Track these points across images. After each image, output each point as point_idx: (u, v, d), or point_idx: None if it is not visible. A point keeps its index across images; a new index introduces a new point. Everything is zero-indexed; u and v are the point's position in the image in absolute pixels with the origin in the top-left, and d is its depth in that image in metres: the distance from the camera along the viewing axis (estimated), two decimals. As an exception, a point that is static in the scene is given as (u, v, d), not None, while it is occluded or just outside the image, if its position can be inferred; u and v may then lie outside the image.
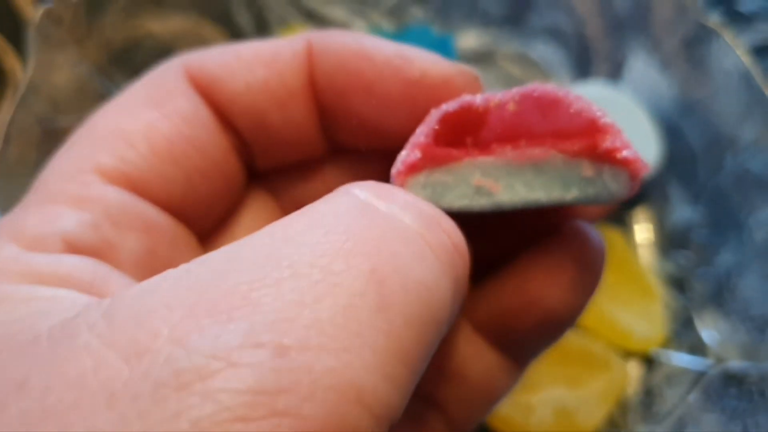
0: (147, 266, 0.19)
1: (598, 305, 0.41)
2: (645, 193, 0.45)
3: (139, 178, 0.19)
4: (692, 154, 0.44)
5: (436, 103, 0.19)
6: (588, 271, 0.21)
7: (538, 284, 0.21)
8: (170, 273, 0.14)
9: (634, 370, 0.41)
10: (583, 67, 0.47)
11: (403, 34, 0.46)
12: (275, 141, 0.22)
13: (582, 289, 0.21)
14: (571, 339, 0.40)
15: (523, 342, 0.22)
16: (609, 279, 0.43)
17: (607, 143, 0.18)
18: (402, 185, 0.19)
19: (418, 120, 0.19)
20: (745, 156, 0.42)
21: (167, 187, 0.20)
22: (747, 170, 0.41)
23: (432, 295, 0.15)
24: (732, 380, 0.38)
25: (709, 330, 0.41)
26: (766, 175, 0.41)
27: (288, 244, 0.14)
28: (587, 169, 0.18)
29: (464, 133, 0.19)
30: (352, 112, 0.21)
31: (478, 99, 0.19)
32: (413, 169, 0.19)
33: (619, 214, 0.44)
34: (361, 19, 0.48)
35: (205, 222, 0.22)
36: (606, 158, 0.18)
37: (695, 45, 0.44)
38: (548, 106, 0.19)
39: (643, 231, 0.44)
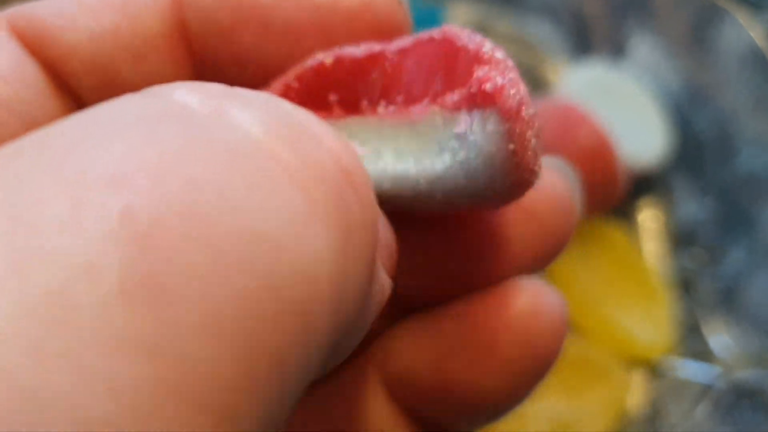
0: None
1: (597, 307, 0.38)
2: (649, 186, 0.41)
3: None
4: (700, 144, 0.40)
5: (353, 33, 0.15)
6: (534, 353, 0.15)
7: (459, 365, 0.15)
8: None
9: (636, 379, 0.37)
10: (581, 47, 0.44)
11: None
12: None
13: (523, 376, 0.15)
14: (568, 345, 0.37)
15: (446, 425, 0.17)
16: (610, 278, 0.39)
17: (476, 76, 0.13)
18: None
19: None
20: (757, 148, 0.38)
21: None
22: (759, 164, 0.38)
23: (290, 263, 0.09)
24: (744, 392, 0.35)
25: (718, 336, 0.38)
26: (781, 168, 0.38)
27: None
28: (461, 123, 0.13)
29: (330, 88, 0.15)
30: (243, 55, 0.16)
31: (358, 50, 0.15)
32: None
33: (622, 208, 0.40)
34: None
35: None
36: (477, 100, 0.13)
37: (704, 25, 0.40)
38: (447, 52, 0.14)
39: (648, 226, 0.41)
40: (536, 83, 0.43)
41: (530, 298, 0.16)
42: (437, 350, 0.16)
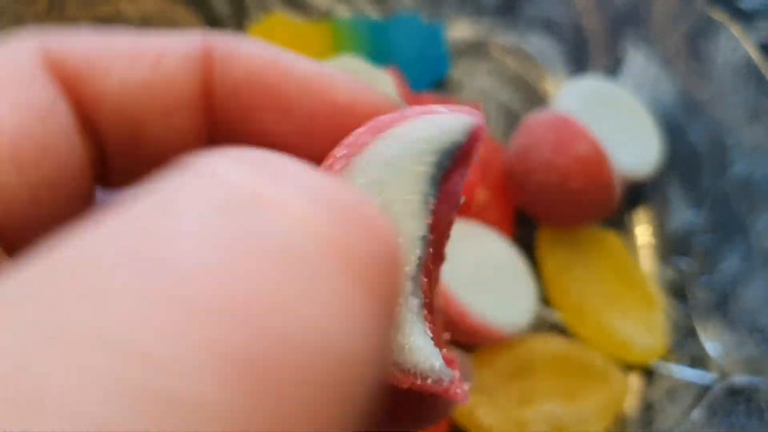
0: None
1: (594, 313, 0.39)
2: (645, 195, 0.42)
3: None
4: (695, 154, 0.41)
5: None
6: None
7: None
8: None
9: (633, 383, 0.38)
10: (579, 60, 0.45)
11: (390, 22, 0.44)
12: (145, 155, 0.17)
13: None
14: (567, 349, 0.38)
15: None
16: (606, 285, 0.40)
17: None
18: (340, 168, 0.14)
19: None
20: (752, 158, 0.39)
21: (3, 205, 0.15)
22: (754, 173, 0.39)
23: (342, 351, 0.10)
24: (739, 395, 0.36)
25: (712, 341, 0.38)
26: (774, 177, 0.39)
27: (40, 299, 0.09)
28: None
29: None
30: (260, 132, 0.17)
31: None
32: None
33: (617, 217, 0.41)
34: (346, 6, 0.45)
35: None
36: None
37: (699, 39, 0.41)
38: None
39: (643, 234, 0.42)
40: (535, 96, 0.44)
41: None
42: None
